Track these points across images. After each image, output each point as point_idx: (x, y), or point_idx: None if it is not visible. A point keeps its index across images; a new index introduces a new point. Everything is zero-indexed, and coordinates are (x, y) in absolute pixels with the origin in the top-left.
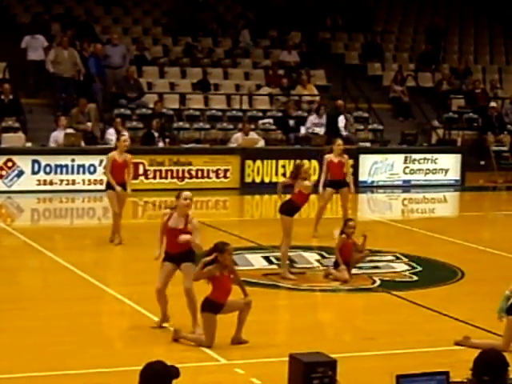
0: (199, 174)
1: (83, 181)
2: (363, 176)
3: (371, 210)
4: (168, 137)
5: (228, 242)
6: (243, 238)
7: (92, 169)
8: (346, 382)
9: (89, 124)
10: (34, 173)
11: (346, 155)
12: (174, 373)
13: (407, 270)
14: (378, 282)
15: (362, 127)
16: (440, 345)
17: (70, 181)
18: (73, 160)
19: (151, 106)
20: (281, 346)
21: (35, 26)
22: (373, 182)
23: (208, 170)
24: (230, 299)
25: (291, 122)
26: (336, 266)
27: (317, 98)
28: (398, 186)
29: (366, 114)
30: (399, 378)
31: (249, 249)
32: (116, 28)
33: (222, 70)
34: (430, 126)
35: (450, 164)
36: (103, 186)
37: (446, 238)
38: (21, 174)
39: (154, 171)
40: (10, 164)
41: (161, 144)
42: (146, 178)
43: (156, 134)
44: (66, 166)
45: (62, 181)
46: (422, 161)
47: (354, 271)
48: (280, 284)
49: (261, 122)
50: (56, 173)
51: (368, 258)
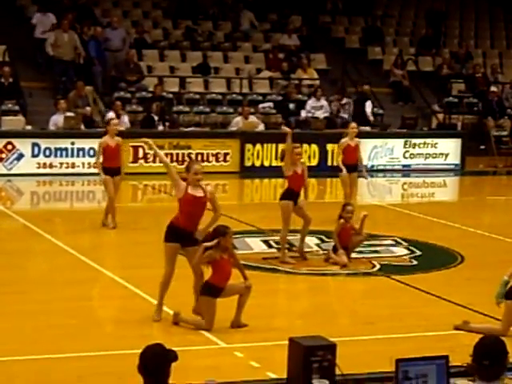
0: (199, 158)
1: (83, 164)
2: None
3: (371, 194)
4: (168, 120)
5: (227, 225)
6: (243, 221)
7: (92, 152)
8: (345, 365)
9: (88, 108)
10: (34, 156)
11: (358, 139)
12: (173, 356)
13: (407, 255)
14: (378, 267)
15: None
16: (439, 329)
17: (69, 164)
18: (72, 143)
19: (151, 89)
20: (280, 330)
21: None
22: (373, 166)
23: (208, 154)
24: (229, 283)
25: (291, 106)
26: (335, 250)
27: (317, 82)
28: (397, 171)
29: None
30: (399, 361)
31: (248, 232)
32: (116, 11)
33: (222, 54)
34: (430, 110)
35: (450, 148)
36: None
37: (446, 222)
38: (20, 157)
39: (154, 155)
40: (9, 147)
41: (160, 127)
42: (146, 162)
43: (156, 117)
44: (66, 149)
45: (61, 164)
46: (421, 145)
47: (354, 255)
48: (279, 268)
49: (261, 105)
50: (56, 156)
51: (367, 242)
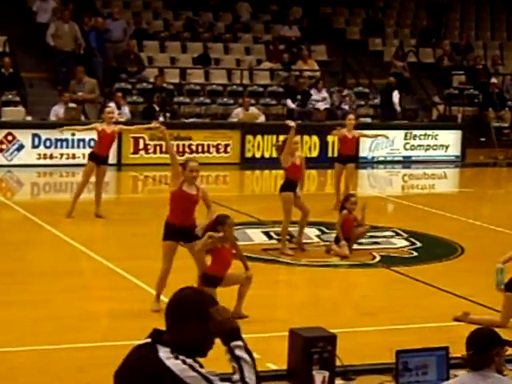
0: (199, 149)
1: (83, 155)
2: (364, 152)
3: (371, 185)
4: (168, 111)
5: (228, 215)
6: (243, 212)
7: (92, 143)
8: (345, 357)
9: (79, 93)
10: (34, 147)
11: (357, 131)
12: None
13: (407, 246)
14: (378, 258)
15: (362, 103)
16: (439, 320)
17: (70, 155)
18: (73, 134)
19: (152, 80)
20: (280, 321)
21: None
22: (373, 157)
23: (208, 145)
24: (229, 272)
25: (298, 97)
26: (337, 241)
27: (317, 74)
28: (398, 162)
29: (366, 90)
30: (399, 353)
31: (249, 224)
32: (116, 2)
33: (223, 45)
34: (431, 101)
35: (450, 140)
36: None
37: (446, 214)
38: (21, 147)
39: (155, 146)
40: (10, 138)
41: (161, 119)
42: (147, 153)
43: (156, 108)
44: (67, 140)
45: (62, 155)
46: (422, 137)
47: (355, 247)
48: (280, 259)
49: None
50: (56, 147)
51: (368, 234)
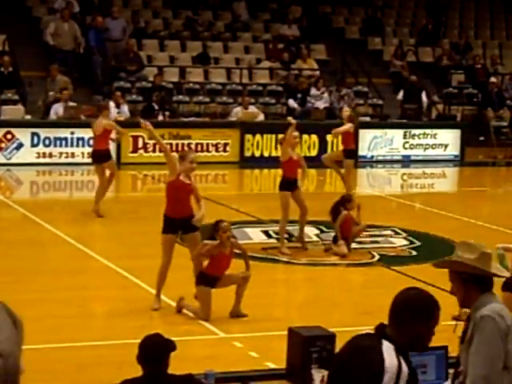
0: (199, 148)
1: (82, 153)
2: (363, 151)
3: (370, 184)
4: (168, 110)
5: (224, 218)
6: (242, 212)
7: (91, 142)
8: None
9: (50, 94)
10: (34, 145)
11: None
12: (172, 346)
13: (406, 245)
14: (377, 257)
15: (361, 102)
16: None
17: (69, 153)
18: (72, 133)
19: (151, 79)
20: (279, 320)
21: None
22: (372, 156)
23: (207, 144)
24: (227, 273)
25: (298, 96)
26: (335, 241)
27: (317, 73)
28: (397, 161)
29: (365, 89)
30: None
31: (248, 223)
32: (116, 1)
33: (222, 44)
34: (430, 101)
35: (449, 139)
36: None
37: (445, 213)
38: (20, 146)
39: (154, 144)
40: (9, 136)
41: (160, 117)
42: (146, 152)
43: (156, 107)
44: (66, 138)
45: (61, 153)
46: (421, 136)
47: (353, 246)
48: (279, 258)
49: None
50: (55, 145)
51: (367, 233)
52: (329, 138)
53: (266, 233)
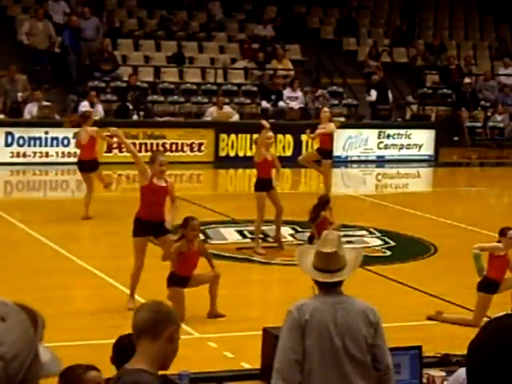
0: (173, 148)
1: (57, 153)
2: (337, 151)
3: (345, 184)
4: (142, 110)
5: (199, 218)
6: (217, 211)
7: (66, 141)
8: None
9: (19, 94)
10: (8, 145)
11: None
12: None
13: (380, 245)
14: None
15: (336, 102)
16: (413, 319)
17: (43, 153)
18: (46, 132)
19: (126, 78)
20: (254, 320)
21: None
22: (347, 156)
23: (182, 144)
24: (197, 273)
25: (273, 97)
26: (310, 240)
27: (292, 73)
28: (371, 161)
29: (340, 89)
30: None
31: (223, 223)
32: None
33: (197, 44)
34: (405, 101)
35: (423, 139)
36: (77, 159)
37: (420, 213)
38: None
39: (120, 143)
40: None
41: (135, 117)
42: (120, 152)
43: (130, 107)
44: (40, 138)
45: (35, 153)
46: (396, 136)
47: None
48: (253, 258)
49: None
50: (29, 145)
51: (342, 233)
52: (303, 138)
53: (241, 233)
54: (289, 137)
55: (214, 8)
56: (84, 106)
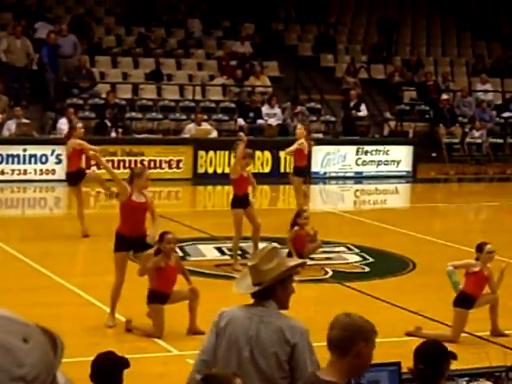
0: (152, 165)
1: (35, 171)
2: (316, 167)
3: (323, 201)
4: (120, 127)
5: (177, 234)
6: (196, 228)
7: (44, 159)
8: None
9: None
10: None
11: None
12: (125, 363)
13: (359, 261)
14: (330, 273)
15: (314, 118)
16: (392, 335)
17: (21, 171)
18: (24, 150)
19: (104, 96)
20: None
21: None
22: (325, 173)
23: (160, 161)
24: (176, 289)
25: (251, 114)
26: (289, 256)
27: (270, 89)
28: (350, 178)
29: (318, 106)
30: None
31: (201, 239)
32: (68, 17)
33: (175, 61)
34: (382, 117)
35: (401, 155)
36: (55, 176)
37: (398, 229)
38: None
39: (107, 161)
40: None
41: (113, 134)
42: (99, 168)
43: (108, 124)
44: (18, 155)
45: (13, 170)
46: (374, 152)
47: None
48: (232, 275)
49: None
50: (7, 162)
51: (320, 249)
52: (282, 154)
53: (220, 249)
54: (267, 153)
55: (192, 25)
56: (62, 123)
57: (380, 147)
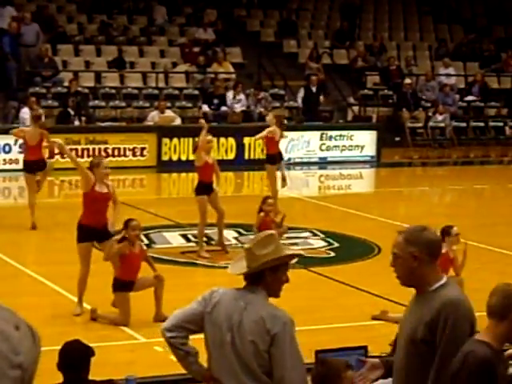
0: (116, 153)
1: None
2: None
3: (288, 186)
4: (84, 115)
5: (142, 222)
6: (161, 216)
7: (7, 148)
8: None
9: None
10: None
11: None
12: (91, 351)
13: (324, 246)
14: (296, 259)
15: (278, 104)
16: (358, 319)
17: None
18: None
19: (66, 84)
20: None
21: None
22: (289, 159)
23: (124, 149)
24: (140, 276)
25: (215, 101)
26: None
27: (233, 76)
28: (314, 163)
29: (282, 92)
30: (318, 353)
31: (166, 227)
32: (30, 6)
33: (138, 48)
34: (346, 102)
35: (365, 140)
36: (19, 166)
37: (363, 213)
38: None
39: (70, 150)
40: None
41: (77, 122)
42: (62, 157)
43: (72, 112)
44: None
45: None
46: (337, 137)
47: None
48: (197, 262)
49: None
50: None
51: (285, 235)
52: (246, 141)
53: (185, 237)
54: (231, 140)
55: (156, 12)
56: (25, 112)
57: (344, 132)
